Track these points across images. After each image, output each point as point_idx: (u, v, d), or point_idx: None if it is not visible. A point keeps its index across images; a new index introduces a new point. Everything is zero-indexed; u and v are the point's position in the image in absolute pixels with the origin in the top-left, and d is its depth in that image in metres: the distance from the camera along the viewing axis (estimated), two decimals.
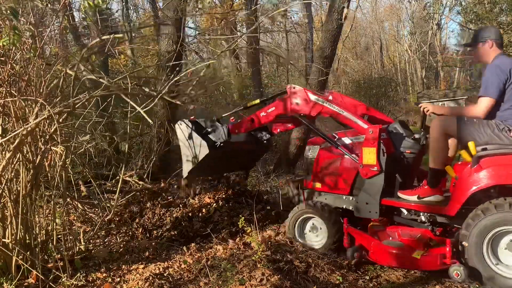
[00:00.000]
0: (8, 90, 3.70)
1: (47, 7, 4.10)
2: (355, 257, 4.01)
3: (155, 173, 8.12)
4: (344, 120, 4.44)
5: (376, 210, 4.14)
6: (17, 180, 3.76)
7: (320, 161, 4.67)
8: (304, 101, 4.58)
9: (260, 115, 4.94)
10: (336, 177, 4.49)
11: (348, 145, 4.48)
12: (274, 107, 4.81)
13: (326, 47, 9.28)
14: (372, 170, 4.08)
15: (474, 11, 18.50)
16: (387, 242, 4.03)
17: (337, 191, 4.52)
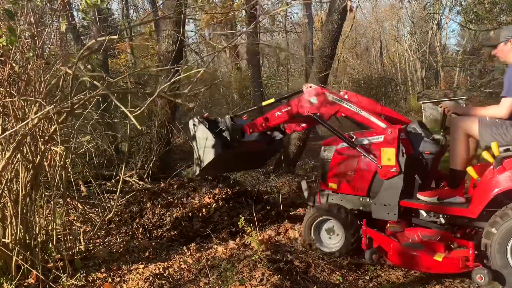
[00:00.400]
0: (8, 90, 3.70)
1: (46, 6, 4.10)
2: (373, 259, 3.94)
3: (155, 173, 8.12)
4: (361, 120, 4.35)
5: (395, 212, 4.04)
6: (17, 180, 3.76)
7: (336, 162, 4.57)
8: (321, 100, 4.49)
9: (275, 115, 4.85)
10: (353, 178, 4.40)
11: (366, 146, 4.37)
12: (290, 106, 4.72)
13: (326, 47, 9.27)
14: (391, 171, 3.99)
15: (474, 11, 18.47)
16: (407, 244, 3.94)
17: (354, 192, 4.44)
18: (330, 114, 4.52)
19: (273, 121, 4.89)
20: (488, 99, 25.77)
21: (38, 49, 3.77)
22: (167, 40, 8.69)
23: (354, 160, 4.41)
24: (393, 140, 3.96)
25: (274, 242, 4.63)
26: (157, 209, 5.66)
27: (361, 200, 4.40)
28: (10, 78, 3.75)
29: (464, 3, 19.93)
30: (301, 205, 6.70)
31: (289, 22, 24.23)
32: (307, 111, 4.59)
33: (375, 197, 4.19)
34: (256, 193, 6.43)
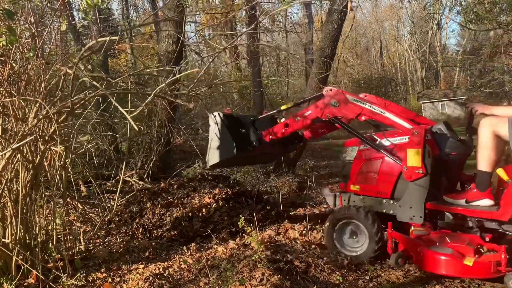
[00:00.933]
0: (8, 90, 3.70)
1: (46, 6, 4.10)
2: (399, 263, 3.87)
3: (155, 173, 8.12)
4: (385, 121, 4.26)
5: (421, 215, 3.94)
6: (17, 180, 3.76)
7: (359, 163, 4.47)
8: (342, 103, 4.39)
9: (295, 120, 4.71)
10: (376, 179, 4.30)
11: (389, 147, 4.26)
12: (310, 111, 4.60)
13: (326, 47, 9.28)
14: (417, 173, 3.89)
15: (474, 11, 18.48)
16: (434, 248, 3.82)
17: (377, 194, 4.33)
18: (352, 117, 4.43)
19: (293, 126, 4.76)
20: (488, 99, 25.79)
21: (38, 49, 3.77)
22: (167, 40, 8.70)
23: (377, 161, 4.31)
24: (419, 141, 3.87)
25: (274, 242, 4.62)
26: (157, 209, 5.66)
27: (385, 203, 4.28)
28: (10, 78, 3.75)
29: (464, 3, 19.94)
30: (301, 205, 6.71)
31: (289, 22, 24.26)
32: (329, 114, 4.47)
33: (400, 199, 4.10)
34: (256, 193, 6.42)
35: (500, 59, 20.38)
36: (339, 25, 9.21)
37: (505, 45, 18.88)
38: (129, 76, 4.21)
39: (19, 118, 3.73)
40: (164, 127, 8.16)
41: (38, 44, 3.79)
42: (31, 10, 3.91)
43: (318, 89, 9.42)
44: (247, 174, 9.00)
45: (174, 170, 8.43)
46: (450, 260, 3.65)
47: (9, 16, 3.27)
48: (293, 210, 6.42)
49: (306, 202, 6.65)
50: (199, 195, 6.00)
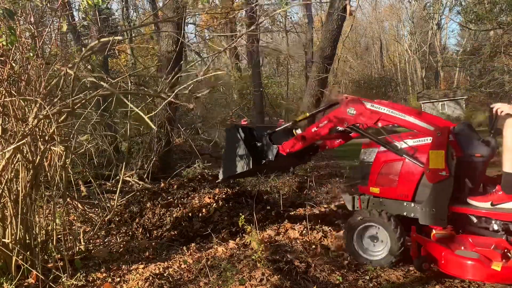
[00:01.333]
0: (8, 90, 3.70)
1: (46, 6, 4.10)
2: (423, 268, 3.78)
3: (155, 173, 8.13)
4: (405, 125, 4.13)
5: (444, 218, 3.83)
6: (17, 180, 3.76)
7: (378, 165, 4.37)
8: (360, 110, 4.29)
9: (312, 131, 4.60)
10: (397, 182, 4.21)
11: (410, 149, 4.17)
12: (327, 120, 4.49)
13: (326, 47, 9.29)
14: (440, 175, 3.79)
15: (474, 11, 18.50)
16: (460, 252, 3.72)
17: (398, 197, 4.22)
18: (370, 123, 4.30)
19: (310, 138, 4.66)
20: (488, 99, 25.79)
21: (38, 49, 3.77)
22: (167, 40, 8.71)
23: (397, 163, 4.23)
24: (442, 142, 3.79)
25: (274, 242, 4.62)
26: (157, 209, 5.66)
27: (405, 205, 4.17)
28: (10, 78, 3.75)
29: (464, 3, 19.96)
30: (301, 205, 6.71)
31: (289, 22, 24.26)
32: (346, 123, 4.37)
33: (422, 202, 4.00)
34: (256, 193, 6.42)
35: (500, 59, 20.39)
36: (339, 25, 9.23)
37: (505, 45, 18.88)
38: (129, 76, 4.20)
39: (19, 118, 3.73)
40: (164, 127, 8.17)
41: (38, 44, 3.79)
42: (31, 10, 3.91)
43: (318, 88, 9.45)
44: None
45: (174, 170, 8.44)
46: (477, 265, 3.53)
47: (9, 16, 3.27)
48: (293, 210, 6.42)
49: (306, 202, 6.64)
50: (199, 195, 6.00)
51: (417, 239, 3.93)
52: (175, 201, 5.87)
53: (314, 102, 9.66)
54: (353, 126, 4.39)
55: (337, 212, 6.26)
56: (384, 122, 4.24)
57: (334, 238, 4.76)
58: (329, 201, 7.26)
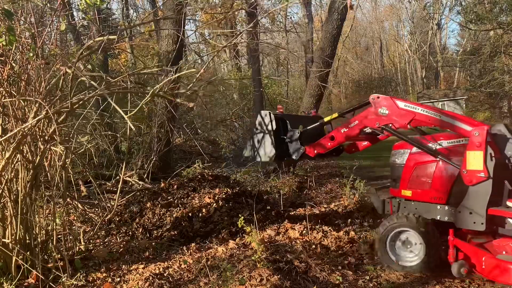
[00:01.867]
0: (8, 90, 3.70)
1: (46, 6, 4.09)
2: (462, 273, 3.64)
3: (155, 173, 8.13)
4: (441, 125, 4.01)
5: (482, 221, 3.67)
6: (17, 180, 3.76)
7: (411, 167, 4.23)
8: (392, 110, 4.14)
9: (341, 132, 4.44)
10: (430, 184, 4.07)
11: (444, 150, 4.04)
12: (357, 121, 4.35)
13: (326, 47, 9.29)
14: (478, 176, 3.65)
15: (474, 11, 18.51)
16: (502, 257, 3.59)
17: (431, 200, 4.09)
18: (404, 123, 4.14)
19: (339, 138, 4.49)
20: (488, 99, 25.79)
21: (38, 49, 3.77)
22: (167, 39, 8.71)
23: (431, 165, 4.08)
24: (480, 142, 3.65)
25: (274, 242, 4.62)
26: (157, 209, 5.66)
27: (439, 209, 4.03)
28: (10, 78, 3.75)
29: (464, 3, 19.97)
30: (301, 205, 6.71)
31: (289, 22, 24.26)
32: (378, 123, 4.21)
33: (458, 205, 3.85)
34: (256, 193, 6.42)
35: (500, 59, 20.38)
36: (339, 25, 9.23)
37: (505, 45, 18.88)
38: (129, 75, 4.20)
39: (19, 118, 3.73)
40: (164, 127, 8.17)
41: (38, 44, 3.78)
42: (31, 10, 3.91)
43: (318, 88, 9.45)
44: (247, 174, 9.01)
45: (174, 170, 8.44)
46: None
47: (8, 16, 3.26)
48: (293, 210, 6.42)
49: (306, 202, 6.64)
50: (199, 195, 6.00)
51: (455, 244, 3.77)
52: (175, 201, 5.87)
53: (315, 102, 9.66)
54: (385, 127, 4.22)
55: (337, 212, 6.27)
56: (418, 122, 4.08)
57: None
58: (329, 201, 7.27)
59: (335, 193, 8.10)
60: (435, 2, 30.05)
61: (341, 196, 7.45)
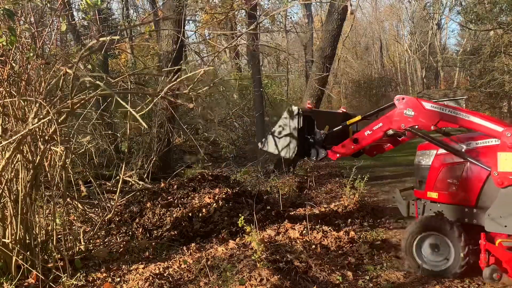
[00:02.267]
0: (8, 90, 3.70)
1: (46, 6, 4.10)
2: (495, 278, 3.55)
3: (155, 173, 8.13)
4: (470, 126, 3.90)
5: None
6: (17, 180, 3.76)
7: (437, 168, 4.12)
8: (418, 111, 4.02)
9: (365, 134, 4.33)
10: (457, 186, 3.96)
11: (473, 151, 3.93)
12: (382, 123, 4.23)
13: (326, 47, 9.29)
14: (510, 179, 3.56)
15: (474, 11, 18.50)
16: None
17: (458, 202, 3.98)
18: (430, 125, 4.01)
19: (363, 141, 4.37)
20: (488, 99, 25.77)
21: (38, 49, 3.77)
22: (167, 39, 8.71)
23: (458, 166, 3.98)
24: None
25: (274, 242, 4.62)
26: (157, 209, 5.66)
27: (467, 211, 3.92)
28: (10, 78, 3.75)
29: (464, 3, 19.97)
30: (301, 205, 6.71)
31: (289, 22, 24.27)
32: (403, 124, 4.09)
33: (487, 208, 3.75)
34: (256, 193, 6.42)
35: (500, 59, 20.37)
36: (339, 25, 9.23)
37: (505, 45, 18.87)
38: (129, 76, 4.20)
39: (19, 118, 3.73)
40: (164, 127, 8.17)
41: (38, 44, 3.79)
42: (31, 10, 3.91)
43: (318, 88, 9.45)
44: (247, 174, 9.01)
45: (174, 170, 8.44)
46: None
47: (9, 16, 3.26)
48: (293, 210, 6.43)
49: (306, 202, 6.65)
50: (199, 195, 6.00)
51: (487, 248, 3.66)
52: (175, 201, 5.87)
53: (315, 102, 9.66)
54: (411, 128, 4.11)
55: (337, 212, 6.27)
56: (445, 123, 3.97)
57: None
58: (329, 201, 7.27)
59: (335, 193, 8.11)
60: (435, 2, 30.04)
61: (341, 196, 7.46)
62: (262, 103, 11.68)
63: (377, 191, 8.68)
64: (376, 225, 5.80)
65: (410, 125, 4.07)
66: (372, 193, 8.39)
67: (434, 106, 4.00)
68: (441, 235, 3.90)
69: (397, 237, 5.20)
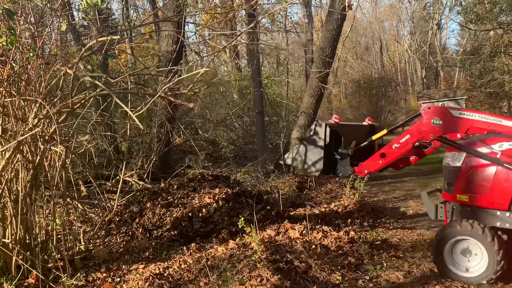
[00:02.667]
0: (8, 90, 3.70)
1: (46, 6, 4.10)
2: None
3: (155, 173, 8.13)
4: (503, 130, 3.83)
5: None
6: (17, 180, 3.76)
7: (467, 171, 3.98)
8: (447, 119, 3.93)
9: (393, 148, 4.21)
10: (489, 189, 3.83)
11: (506, 152, 3.84)
12: (409, 135, 4.12)
13: (326, 47, 9.30)
14: None
15: (474, 11, 18.51)
16: None
17: (491, 205, 3.85)
18: (460, 133, 3.94)
19: (391, 155, 4.26)
20: (488, 99, 25.76)
21: (38, 49, 3.77)
22: (167, 40, 8.71)
23: (490, 168, 3.86)
24: None
25: (274, 242, 4.62)
26: (157, 209, 5.66)
27: (500, 215, 3.80)
28: (10, 78, 3.75)
29: (464, 3, 19.98)
30: (301, 205, 6.71)
31: (289, 22, 24.26)
32: (432, 135, 4.01)
33: None
34: (256, 193, 6.42)
35: (500, 59, 20.36)
36: (339, 25, 9.24)
37: (505, 45, 18.86)
38: (129, 76, 4.20)
39: (19, 118, 3.73)
40: (164, 127, 8.17)
41: (38, 44, 3.79)
42: (31, 10, 3.91)
43: (318, 89, 9.45)
44: (247, 174, 9.01)
45: (174, 170, 8.44)
46: None
47: (9, 16, 3.27)
48: (293, 210, 6.42)
49: (306, 202, 6.65)
50: (199, 195, 6.00)
51: None
52: (175, 201, 5.87)
53: (315, 102, 9.67)
54: (440, 138, 4.05)
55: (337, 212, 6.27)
56: (476, 129, 3.90)
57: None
58: (329, 201, 7.27)
59: (335, 193, 8.11)
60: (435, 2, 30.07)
61: (341, 196, 7.46)
62: (262, 103, 11.69)
63: (377, 191, 8.69)
64: (376, 225, 5.80)
65: (439, 135, 3.99)
66: (372, 193, 8.40)
67: (462, 113, 3.93)
68: (474, 240, 3.77)
69: (397, 237, 5.21)
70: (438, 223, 5.77)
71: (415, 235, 5.29)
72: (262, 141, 10.90)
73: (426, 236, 5.23)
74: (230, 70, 21.04)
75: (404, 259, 4.45)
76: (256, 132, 12.73)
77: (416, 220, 5.96)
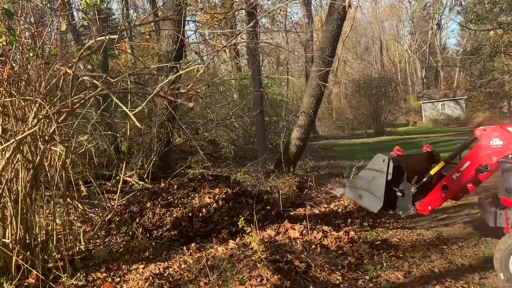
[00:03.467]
0: (8, 90, 3.70)
1: (46, 6, 4.10)
2: None
3: (155, 173, 8.13)
4: None
5: None
6: (17, 180, 3.76)
7: None
8: (507, 138, 3.79)
9: (454, 178, 4.07)
10: None
11: None
12: (469, 161, 3.99)
13: (326, 47, 9.28)
14: None
15: (474, 11, 18.53)
16: None
17: None
18: None
19: (454, 186, 4.10)
20: (488, 99, 25.79)
21: (38, 49, 3.77)
22: (167, 39, 8.70)
23: None
24: None
25: (274, 242, 4.62)
26: (157, 209, 5.66)
27: None
28: (10, 78, 3.75)
29: (464, 3, 19.99)
30: (301, 205, 6.71)
31: (289, 22, 24.27)
32: (495, 157, 3.84)
33: None
34: (256, 193, 6.42)
35: (500, 59, 20.38)
36: (339, 25, 9.23)
37: (505, 45, 18.87)
38: (129, 76, 4.20)
39: (19, 118, 3.73)
40: (164, 127, 8.17)
41: (38, 44, 3.79)
42: (31, 10, 3.91)
43: (318, 88, 9.44)
44: (247, 174, 9.01)
45: (174, 170, 8.44)
46: None
47: (8, 16, 3.27)
48: (293, 210, 6.42)
49: (306, 202, 6.64)
50: (199, 195, 6.00)
51: None
52: (175, 201, 5.87)
53: (315, 102, 9.66)
54: (504, 159, 3.80)
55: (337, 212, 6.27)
56: None
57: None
58: (329, 201, 7.27)
59: None
60: (435, 2, 30.09)
61: (341, 196, 7.45)
62: (262, 103, 11.68)
63: None
64: (376, 225, 5.80)
65: (502, 156, 3.80)
66: None
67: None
68: None
69: (397, 237, 5.21)
70: (438, 223, 5.80)
71: (415, 235, 5.29)
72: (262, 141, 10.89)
73: (426, 236, 5.23)
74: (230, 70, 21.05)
75: (404, 259, 4.45)
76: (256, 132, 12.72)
77: (416, 220, 5.96)
